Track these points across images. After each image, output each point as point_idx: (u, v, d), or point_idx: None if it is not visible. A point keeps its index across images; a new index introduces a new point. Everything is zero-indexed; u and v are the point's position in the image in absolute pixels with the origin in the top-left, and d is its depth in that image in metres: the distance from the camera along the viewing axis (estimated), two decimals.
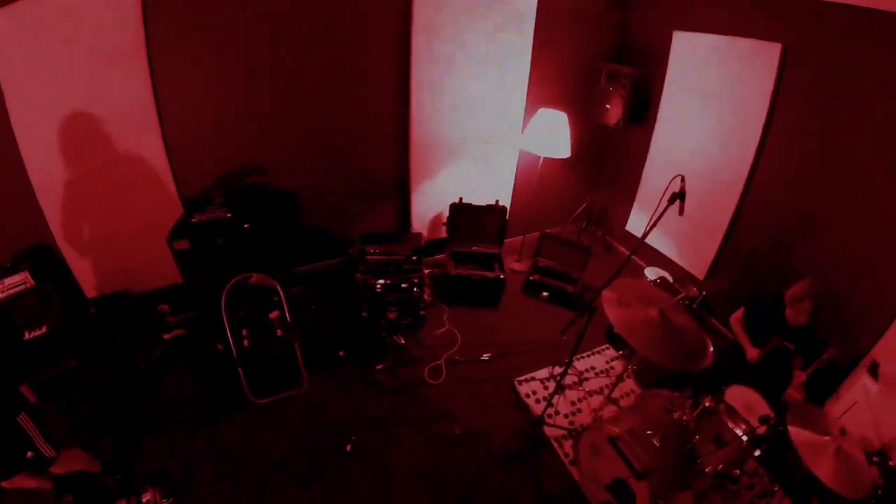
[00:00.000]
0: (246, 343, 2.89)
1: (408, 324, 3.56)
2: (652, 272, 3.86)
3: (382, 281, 3.40)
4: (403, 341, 3.44)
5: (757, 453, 2.21)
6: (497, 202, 4.02)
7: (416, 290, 3.48)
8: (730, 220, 3.59)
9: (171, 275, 3.06)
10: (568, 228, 4.78)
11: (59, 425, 2.48)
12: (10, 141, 2.59)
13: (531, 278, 4.12)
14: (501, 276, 3.87)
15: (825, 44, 2.83)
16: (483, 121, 3.96)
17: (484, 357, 3.39)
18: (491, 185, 4.23)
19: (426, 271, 3.70)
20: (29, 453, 2.06)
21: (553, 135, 3.90)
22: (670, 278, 3.78)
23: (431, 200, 4.12)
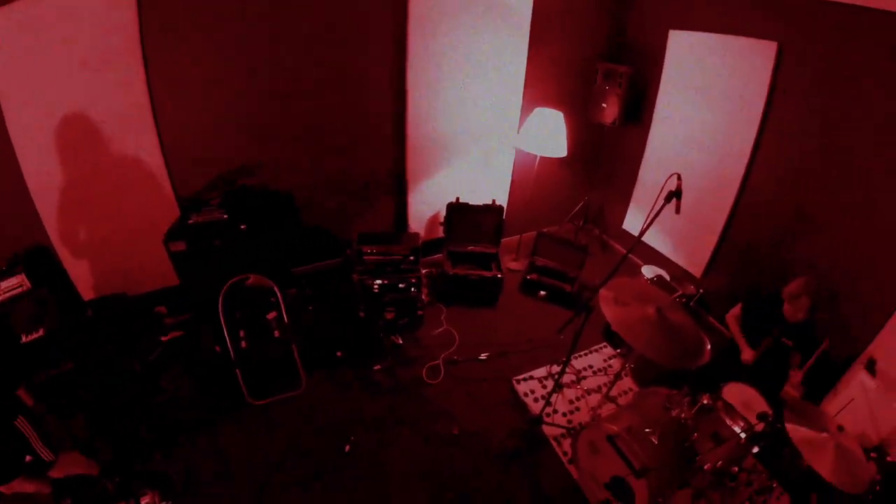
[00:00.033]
0: (243, 344, 2.89)
1: (405, 324, 3.56)
2: (649, 270, 3.86)
3: (380, 281, 3.39)
4: (401, 341, 3.44)
5: (755, 450, 2.22)
6: (494, 202, 4.03)
7: (414, 290, 3.48)
8: (726, 219, 3.60)
9: (168, 276, 3.05)
10: (565, 227, 4.78)
11: (57, 428, 2.47)
12: (6, 142, 2.57)
13: (528, 277, 4.13)
14: (499, 276, 3.87)
15: (824, 43, 2.84)
16: (480, 120, 3.97)
17: (482, 356, 3.39)
18: (488, 185, 4.24)
19: (424, 271, 3.70)
20: (27, 457, 2.05)
21: (550, 134, 3.90)
22: (667, 276, 3.79)
23: (428, 200, 4.12)
